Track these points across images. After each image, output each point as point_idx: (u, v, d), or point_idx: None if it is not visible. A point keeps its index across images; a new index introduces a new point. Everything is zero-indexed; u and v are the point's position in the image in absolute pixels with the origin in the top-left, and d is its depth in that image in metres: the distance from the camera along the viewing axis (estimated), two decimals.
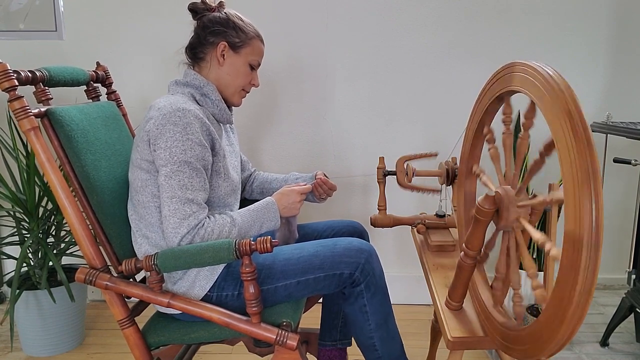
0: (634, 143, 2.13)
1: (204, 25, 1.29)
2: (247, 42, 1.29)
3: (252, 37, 1.30)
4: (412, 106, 2.19)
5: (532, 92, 0.85)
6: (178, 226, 1.10)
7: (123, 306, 1.19)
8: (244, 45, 1.29)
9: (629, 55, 2.16)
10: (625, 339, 1.87)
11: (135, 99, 2.17)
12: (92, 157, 1.20)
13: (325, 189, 1.44)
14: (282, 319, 1.16)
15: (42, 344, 1.89)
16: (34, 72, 1.18)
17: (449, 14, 2.12)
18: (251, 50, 1.30)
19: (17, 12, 2.12)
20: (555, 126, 0.76)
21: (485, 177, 1.09)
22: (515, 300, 0.93)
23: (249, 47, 1.30)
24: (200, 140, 1.15)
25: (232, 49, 1.28)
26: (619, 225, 2.30)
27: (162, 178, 1.13)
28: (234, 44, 1.28)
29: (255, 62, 1.32)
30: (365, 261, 1.21)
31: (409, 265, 2.31)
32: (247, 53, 1.30)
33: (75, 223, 1.15)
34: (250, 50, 1.30)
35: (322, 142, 2.23)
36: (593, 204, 0.68)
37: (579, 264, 0.69)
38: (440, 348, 1.74)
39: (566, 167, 0.73)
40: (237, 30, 1.28)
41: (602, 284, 2.36)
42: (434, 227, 1.58)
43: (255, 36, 1.31)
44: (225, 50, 1.28)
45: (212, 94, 1.27)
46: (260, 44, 1.33)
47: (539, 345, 0.81)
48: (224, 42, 1.27)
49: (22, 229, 1.87)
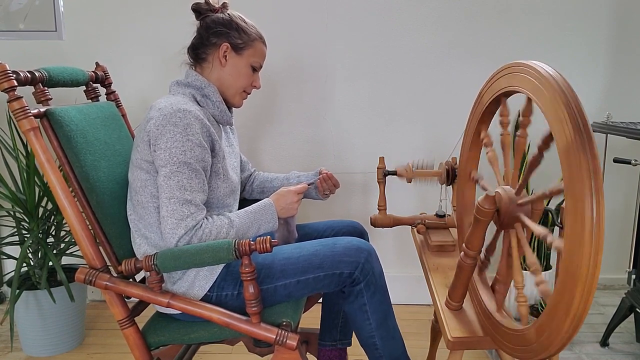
0: (634, 143, 2.13)
1: (207, 26, 1.29)
2: (249, 43, 1.29)
3: (254, 38, 1.30)
4: (412, 106, 2.19)
5: (532, 92, 0.85)
6: (176, 227, 1.10)
7: (123, 306, 1.19)
8: (247, 47, 1.29)
9: (629, 55, 2.16)
10: (625, 339, 1.87)
11: (135, 99, 2.17)
12: (91, 158, 1.20)
13: (329, 185, 1.45)
14: (282, 319, 1.16)
15: (42, 344, 1.89)
16: (33, 73, 1.18)
17: (449, 14, 2.12)
18: (253, 52, 1.30)
19: (17, 12, 2.12)
20: (556, 124, 0.76)
21: (484, 182, 1.09)
22: (518, 300, 0.93)
23: (251, 49, 1.30)
24: (200, 142, 1.15)
25: (234, 50, 1.28)
26: (619, 225, 2.30)
27: (161, 178, 1.13)
28: (236, 45, 1.28)
29: (257, 64, 1.32)
30: (365, 260, 1.22)
31: (409, 265, 2.31)
32: (249, 55, 1.30)
33: (75, 223, 1.15)
34: (252, 51, 1.30)
35: (322, 142, 2.23)
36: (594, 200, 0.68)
37: (580, 262, 0.69)
38: (440, 348, 1.74)
39: (566, 165, 0.73)
40: (240, 31, 1.28)
41: (602, 284, 2.36)
42: (434, 227, 1.58)
43: (258, 38, 1.31)
44: (228, 52, 1.28)
45: (213, 95, 1.27)
46: (263, 46, 1.33)
47: (539, 345, 0.81)
48: (227, 43, 1.27)
49: (22, 229, 1.87)
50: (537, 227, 0.84)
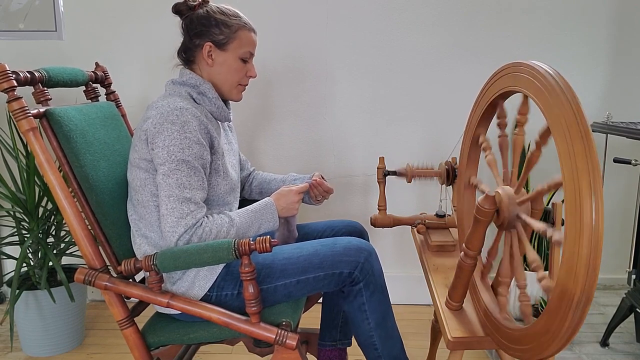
0: (634, 143, 2.13)
1: (187, 28, 1.27)
2: (232, 36, 1.25)
3: (236, 29, 1.25)
4: (412, 106, 2.19)
5: (532, 92, 0.85)
6: (175, 225, 1.10)
7: (122, 306, 1.19)
8: (230, 41, 1.25)
9: (629, 56, 2.16)
10: (626, 339, 1.86)
11: (135, 99, 2.17)
12: (91, 158, 1.20)
13: (320, 191, 1.42)
14: (281, 319, 1.16)
15: (42, 344, 1.89)
16: (33, 73, 1.18)
17: (449, 14, 2.12)
18: (239, 44, 1.26)
19: (17, 12, 2.12)
20: (556, 124, 0.76)
21: (484, 186, 1.09)
22: (521, 299, 0.93)
23: (236, 41, 1.25)
24: (198, 139, 1.14)
25: (218, 47, 1.25)
26: (619, 225, 2.30)
27: (160, 177, 1.12)
28: (219, 42, 1.24)
29: (247, 54, 1.28)
30: (364, 260, 1.22)
31: (409, 265, 2.31)
32: (235, 48, 1.26)
33: (75, 224, 1.15)
34: (237, 43, 1.26)
35: (322, 142, 2.23)
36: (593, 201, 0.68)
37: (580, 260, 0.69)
38: (441, 348, 1.74)
39: (565, 163, 0.73)
40: (220, 26, 1.24)
41: (602, 284, 2.36)
42: (434, 227, 1.58)
43: (241, 27, 1.26)
44: (212, 50, 1.25)
45: (209, 92, 1.26)
46: (249, 33, 1.28)
47: (539, 345, 0.81)
48: (209, 42, 1.24)
49: (22, 229, 1.87)
50: (537, 223, 0.85)
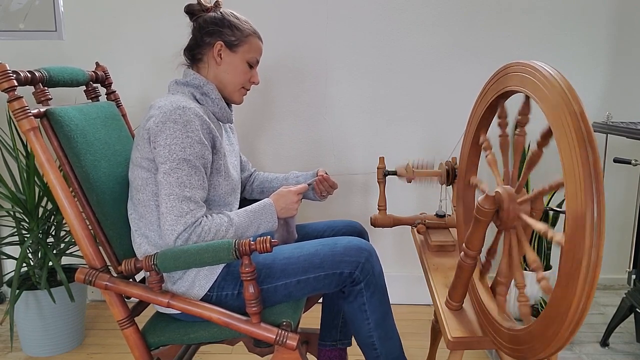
0: (634, 143, 2.13)
1: (199, 27, 1.29)
2: (243, 40, 1.29)
3: (248, 34, 1.30)
4: (412, 106, 2.19)
5: (533, 92, 0.85)
6: (175, 223, 1.10)
7: (123, 306, 1.19)
8: (241, 44, 1.29)
9: (629, 56, 2.16)
10: (626, 339, 1.86)
11: (135, 99, 2.17)
12: (91, 158, 1.20)
13: (326, 186, 1.45)
14: (282, 319, 1.16)
15: (42, 344, 1.89)
16: (33, 73, 1.18)
17: (449, 14, 2.12)
18: (248, 48, 1.30)
19: (17, 12, 2.12)
20: (557, 125, 0.76)
21: (484, 186, 1.09)
22: (520, 299, 0.93)
23: (245, 45, 1.29)
24: (200, 138, 1.15)
25: (228, 48, 1.28)
26: (619, 226, 2.30)
27: (161, 175, 1.13)
28: (230, 42, 1.28)
29: (254, 60, 1.32)
30: (365, 260, 1.22)
31: (409, 265, 2.31)
32: (244, 51, 1.29)
33: (75, 223, 1.15)
34: (247, 48, 1.30)
35: (322, 142, 2.23)
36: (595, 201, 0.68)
37: (580, 262, 0.69)
38: (441, 348, 1.74)
39: (567, 164, 0.73)
40: (233, 28, 1.28)
41: (602, 284, 2.36)
42: (434, 227, 1.58)
43: (252, 33, 1.31)
44: (222, 50, 1.28)
45: (212, 92, 1.27)
46: (258, 41, 1.33)
47: (539, 345, 0.81)
48: (220, 41, 1.27)
49: (22, 229, 1.87)
50: (537, 224, 0.85)
